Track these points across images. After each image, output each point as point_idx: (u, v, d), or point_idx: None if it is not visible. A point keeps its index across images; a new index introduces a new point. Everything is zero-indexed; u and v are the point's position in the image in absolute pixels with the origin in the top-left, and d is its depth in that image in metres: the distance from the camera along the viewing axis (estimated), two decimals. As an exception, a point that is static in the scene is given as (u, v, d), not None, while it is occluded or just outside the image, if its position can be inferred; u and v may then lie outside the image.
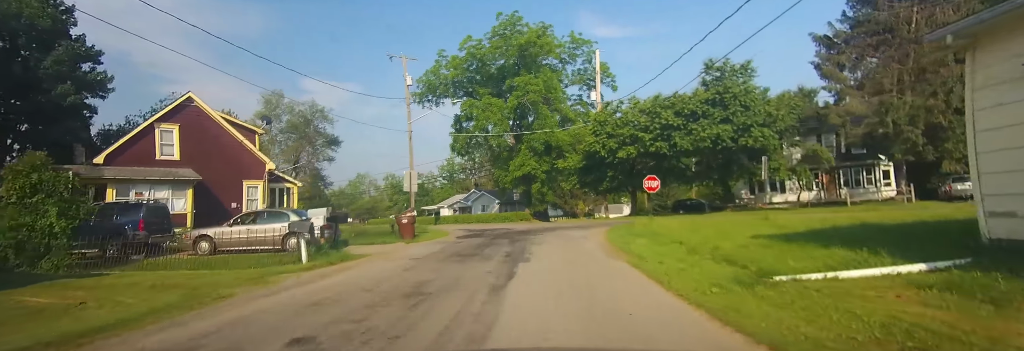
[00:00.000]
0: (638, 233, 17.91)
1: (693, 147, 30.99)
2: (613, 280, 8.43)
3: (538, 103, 40.82)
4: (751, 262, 8.04)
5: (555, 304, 6.39)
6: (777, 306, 5.24)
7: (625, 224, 24.82)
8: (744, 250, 10.02)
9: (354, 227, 37.45)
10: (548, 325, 5.22)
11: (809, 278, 6.44)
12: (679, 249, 12.53)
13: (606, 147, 34.04)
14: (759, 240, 11.69)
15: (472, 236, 21.92)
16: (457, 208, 63.20)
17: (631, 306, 6.07)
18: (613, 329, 5.06)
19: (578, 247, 15.60)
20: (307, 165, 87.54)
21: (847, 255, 7.61)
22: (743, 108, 30.28)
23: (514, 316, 5.74)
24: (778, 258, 8.12)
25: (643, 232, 18.08)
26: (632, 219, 30.23)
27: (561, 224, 32.62)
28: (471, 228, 31.69)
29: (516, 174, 41.20)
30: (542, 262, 11.47)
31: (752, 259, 8.32)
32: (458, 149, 45.60)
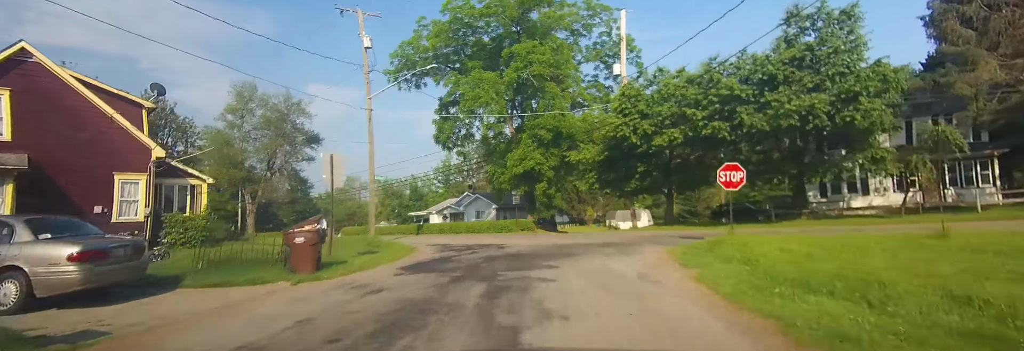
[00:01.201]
0: (776, 271, 8.36)
1: (770, 127, 21.51)
2: None
3: (544, 78, 31.39)
4: None
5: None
6: None
7: (690, 241, 15.50)
8: None
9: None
10: None
11: None
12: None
13: (638, 131, 24.64)
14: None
15: (432, 265, 12.46)
16: (448, 214, 53.86)
17: None
18: None
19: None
20: (284, 165, 78.54)
21: None
22: (845, 71, 20.86)
23: None
24: None
25: (782, 269, 8.59)
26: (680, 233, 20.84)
27: (576, 238, 23.11)
28: (450, 243, 22.31)
29: (516, 171, 31.74)
30: None
31: None
32: (443, 141, 36.19)
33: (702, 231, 23.48)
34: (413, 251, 18.17)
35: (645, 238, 19.09)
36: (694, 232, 22.77)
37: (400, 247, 20.38)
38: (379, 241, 23.52)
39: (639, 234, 22.99)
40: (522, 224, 34.57)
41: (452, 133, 36.68)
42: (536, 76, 30.69)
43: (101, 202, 20.37)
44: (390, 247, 20.23)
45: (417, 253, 17.13)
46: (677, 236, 19.38)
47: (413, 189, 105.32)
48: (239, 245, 19.69)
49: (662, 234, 21.72)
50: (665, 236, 20.11)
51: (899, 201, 30.29)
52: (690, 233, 21.65)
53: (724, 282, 7.64)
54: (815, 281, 6.94)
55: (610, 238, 20.52)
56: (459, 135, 37.43)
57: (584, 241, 19.18)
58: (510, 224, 35.00)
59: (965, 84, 22.83)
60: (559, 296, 7.11)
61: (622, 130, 24.93)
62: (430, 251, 18.06)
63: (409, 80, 37.06)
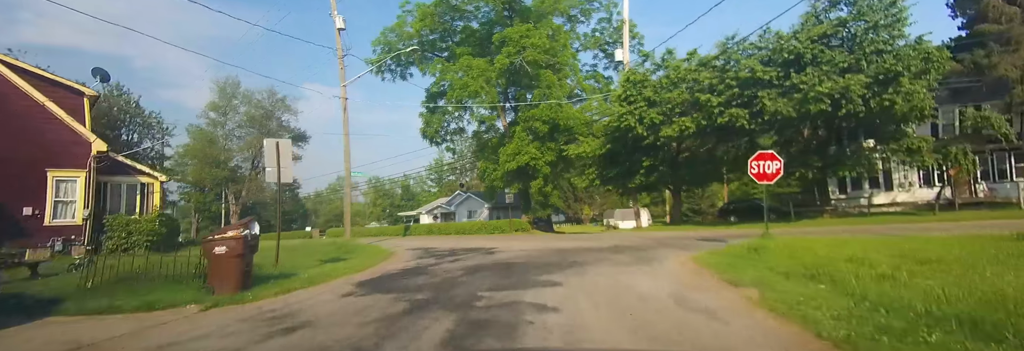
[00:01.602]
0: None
1: (797, 113, 18.91)
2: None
3: (539, 65, 28.74)
4: None
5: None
6: None
7: (713, 245, 12.98)
8: None
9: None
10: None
11: None
12: None
13: (644, 120, 22.02)
14: None
15: (397, 280, 9.75)
16: (438, 214, 51.15)
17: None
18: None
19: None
20: (267, 166, 75.77)
21: None
22: (884, 48, 18.34)
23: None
24: None
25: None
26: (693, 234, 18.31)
27: (577, 240, 20.48)
28: (434, 247, 19.67)
29: (509, 166, 29.10)
30: None
31: None
32: (431, 135, 33.47)
33: (715, 232, 20.92)
34: (388, 257, 15.59)
35: (657, 240, 16.49)
36: (707, 233, 20.22)
37: (376, 252, 17.82)
38: (355, 245, 20.89)
39: (646, 235, 20.39)
40: (516, 224, 31.92)
41: (440, 127, 34.00)
42: (530, 63, 28.02)
43: (31, 203, 17.80)
44: (363, 252, 17.67)
45: (390, 260, 14.51)
46: (693, 238, 16.80)
47: (405, 188, 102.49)
48: (180, 254, 17.06)
49: (673, 235, 19.14)
50: (677, 238, 17.52)
51: (926, 197, 27.83)
52: (705, 234, 19.08)
53: (816, 315, 5.02)
54: (969, 315, 4.36)
55: (616, 240, 17.90)
56: (448, 129, 34.79)
57: (587, 244, 16.56)
58: (503, 224, 32.34)
59: (1011, 66, 20.31)
60: (568, 343, 4.50)
61: (627, 120, 22.31)
62: (407, 257, 15.45)
63: (393, 70, 34.40)
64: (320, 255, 16.43)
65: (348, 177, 22.58)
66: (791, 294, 6.17)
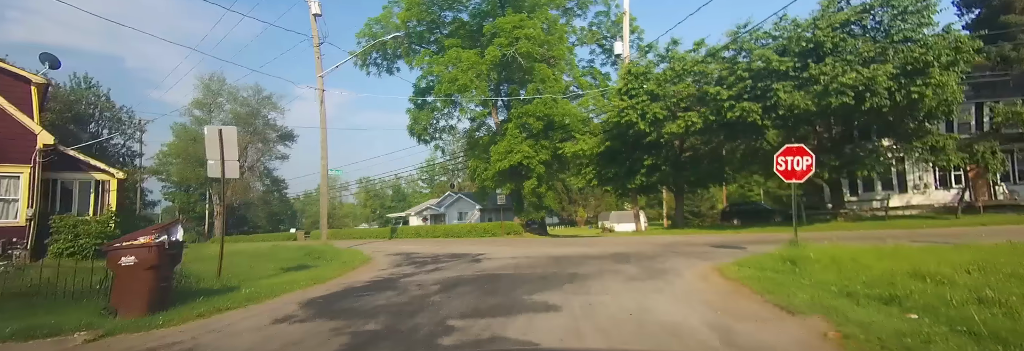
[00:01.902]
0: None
1: (817, 107, 17.20)
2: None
3: (533, 58, 26.99)
4: None
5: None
6: None
7: (730, 253, 11.34)
8: None
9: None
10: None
11: None
12: None
13: (647, 116, 20.31)
14: None
15: (354, 299, 7.89)
16: (428, 216, 49.32)
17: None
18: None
19: None
20: (256, 164, 73.57)
21: None
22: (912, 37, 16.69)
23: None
24: None
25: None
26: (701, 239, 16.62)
27: (574, 245, 18.69)
28: (415, 252, 17.90)
29: (501, 166, 27.32)
30: None
31: None
32: (419, 133, 31.63)
33: (723, 236, 19.22)
34: (361, 265, 13.82)
35: (664, 247, 14.73)
36: (717, 237, 18.51)
37: (350, 258, 16.00)
38: (330, 250, 19.05)
39: (650, 240, 18.65)
40: (508, 227, 30.15)
41: (429, 124, 32.17)
42: (524, 55, 26.25)
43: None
44: (337, 259, 15.87)
45: (362, 269, 12.73)
46: (704, 244, 15.07)
47: (396, 189, 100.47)
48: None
49: (679, 240, 17.41)
50: (686, 244, 15.79)
51: (942, 199, 26.28)
52: (715, 239, 17.36)
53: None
54: None
55: (618, 246, 16.14)
56: (437, 126, 32.97)
57: (586, 250, 14.79)
58: (494, 227, 30.57)
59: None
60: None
61: (628, 115, 20.57)
62: (382, 265, 13.70)
63: (379, 63, 32.58)
64: (285, 262, 14.64)
65: (325, 175, 20.74)
66: (880, 328, 4.43)
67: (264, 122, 70.54)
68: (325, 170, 20.77)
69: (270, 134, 71.97)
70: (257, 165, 73.74)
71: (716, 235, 20.35)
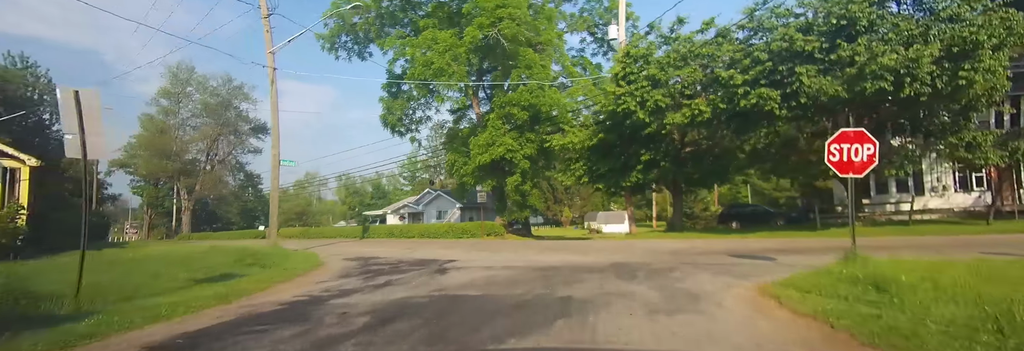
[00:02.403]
0: None
1: (849, 93, 14.73)
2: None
3: (518, 42, 24.34)
4: None
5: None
6: None
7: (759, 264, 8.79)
8: None
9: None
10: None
11: None
12: None
13: (647, 104, 17.80)
14: None
15: (227, 344, 5.23)
16: (405, 214, 46.52)
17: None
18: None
19: None
20: (228, 157, 70.19)
21: None
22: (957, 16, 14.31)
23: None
24: None
25: None
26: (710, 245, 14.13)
27: (563, 251, 16.08)
28: (377, 257, 15.26)
29: (482, 160, 24.67)
30: None
31: None
32: (392, 123, 28.83)
33: (731, 242, 16.74)
34: (297, 276, 11.16)
35: (672, 255, 12.18)
36: (724, 243, 16.03)
37: (293, 265, 13.31)
38: (276, 253, 16.24)
39: (648, 245, 16.11)
40: (488, 227, 27.50)
41: (404, 114, 29.41)
42: (507, 38, 23.55)
43: None
44: (276, 265, 13.13)
45: (293, 282, 10.04)
46: (718, 252, 12.53)
47: (376, 186, 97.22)
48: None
49: (684, 247, 14.87)
50: (693, 251, 13.25)
51: (962, 203, 24.16)
52: (724, 246, 14.86)
53: None
54: None
55: (614, 252, 13.55)
56: (413, 117, 30.20)
57: (579, 258, 12.18)
58: (473, 227, 27.89)
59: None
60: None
61: (625, 102, 18.03)
62: (326, 276, 11.04)
63: (349, 47, 29.70)
64: (208, 270, 11.82)
65: (275, 167, 17.94)
66: None
67: (237, 114, 67.34)
68: (276, 160, 17.99)
69: (243, 126, 68.68)
70: (229, 158, 70.46)
71: (721, 240, 17.90)
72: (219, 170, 68.88)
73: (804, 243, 14.94)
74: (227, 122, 66.18)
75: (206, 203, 74.81)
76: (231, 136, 68.15)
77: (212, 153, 67.12)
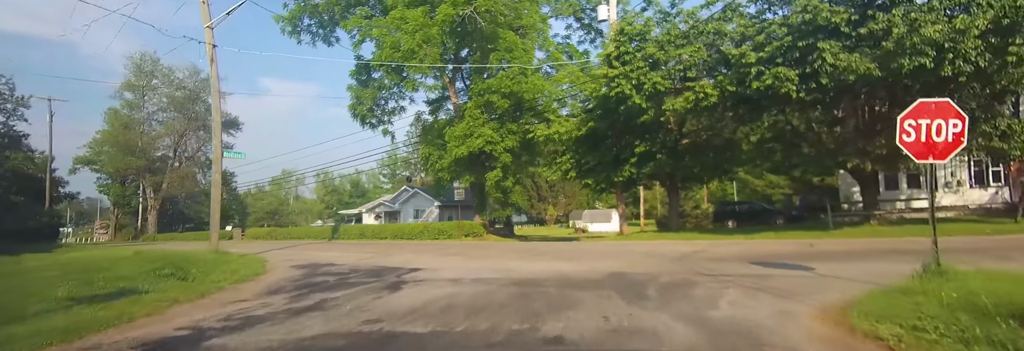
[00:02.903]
0: None
1: (884, 70, 12.65)
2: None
3: (497, 23, 22.09)
4: None
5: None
6: None
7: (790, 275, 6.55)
8: None
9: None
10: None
11: None
12: None
13: (645, 86, 15.63)
14: None
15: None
16: (381, 213, 44.05)
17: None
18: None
19: None
20: (197, 154, 66.99)
21: None
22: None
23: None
24: None
25: None
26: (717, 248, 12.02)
27: (551, 256, 13.82)
28: (332, 264, 12.97)
29: (459, 152, 22.40)
30: None
31: None
32: (362, 114, 26.37)
33: (739, 244, 14.68)
34: (215, 291, 9.03)
35: (677, 262, 10.03)
36: (732, 246, 13.96)
37: (223, 275, 11.06)
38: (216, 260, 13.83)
39: (646, 248, 13.98)
40: (467, 227, 25.22)
41: (374, 104, 26.98)
42: (485, 16, 21.24)
43: None
44: (204, 276, 10.87)
45: (199, 302, 7.79)
46: (733, 259, 10.39)
47: (355, 184, 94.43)
48: None
49: (687, 251, 12.73)
50: (703, 257, 11.09)
51: (978, 199, 22.38)
52: (735, 250, 12.77)
53: None
54: None
55: (609, 258, 11.35)
56: (385, 108, 27.76)
57: (568, 267, 9.96)
58: (451, 227, 25.58)
59: None
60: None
61: (619, 85, 15.83)
62: (245, 293, 8.79)
63: (314, 31, 27.16)
64: (112, 282, 9.47)
65: (218, 158, 15.48)
66: None
67: (206, 107, 64.21)
68: (218, 151, 15.55)
69: (212, 121, 65.62)
70: (198, 155, 67.29)
71: (726, 242, 15.79)
72: (188, 167, 65.67)
73: (827, 246, 12.88)
74: (196, 117, 63.10)
75: (176, 202, 71.52)
76: (201, 131, 65.11)
77: (180, 149, 64.00)
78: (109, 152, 60.82)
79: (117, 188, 65.70)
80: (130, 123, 61.54)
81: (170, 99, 61.38)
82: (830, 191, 36.39)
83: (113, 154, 60.31)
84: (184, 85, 61.06)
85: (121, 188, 65.84)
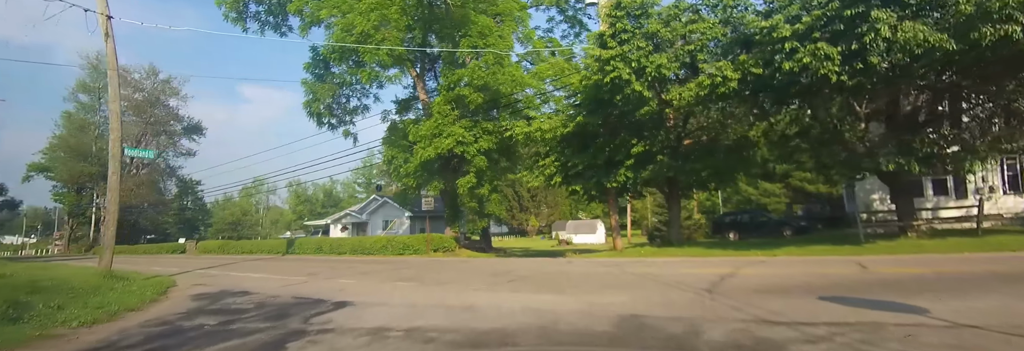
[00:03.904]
0: None
1: (964, 41, 9.85)
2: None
3: (467, 6, 19.13)
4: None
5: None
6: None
7: None
8: None
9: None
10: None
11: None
12: None
13: (647, 71, 12.73)
14: None
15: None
16: (349, 225, 40.58)
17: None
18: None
19: None
20: (157, 161, 62.82)
21: None
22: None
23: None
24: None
25: None
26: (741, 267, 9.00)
27: (533, 289, 10.72)
28: (239, 294, 9.71)
29: (426, 154, 19.31)
30: None
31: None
32: (318, 112, 23.16)
33: (767, 265, 11.75)
34: (36, 342, 5.52)
35: (714, 294, 6.99)
36: (760, 268, 11.04)
37: (95, 304, 8.26)
38: (90, 283, 10.53)
39: (656, 272, 10.98)
40: (436, 241, 22.01)
41: (334, 101, 23.81)
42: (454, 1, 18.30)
43: None
44: (59, 310, 7.57)
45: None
46: (796, 293, 7.37)
47: (327, 193, 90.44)
48: None
49: (712, 277, 9.73)
50: (744, 288, 8.06)
51: (1014, 207, 19.75)
52: (767, 272, 9.84)
53: None
54: None
55: (618, 291, 8.22)
56: (346, 107, 24.60)
57: (557, 303, 6.84)
58: (417, 241, 22.34)
59: None
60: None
61: (615, 69, 12.89)
62: (70, 347, 5.45)
63: (264, 20, 23.94)
64: None
65: (116, 153, 12.20)
66: None
67: (167, 111, 60.40)
68: (116, 146, 12.25)
69: (174, 126, 61.60)
70: (158, 162, 63.15)
71: (747, 259, 12.82)
72: (147, 174, 61.47)
73: (882, 267, 9.95)
74: (156, 120, 59.21)
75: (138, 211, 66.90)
76: (162, 136, 61.13)
77: (138, 155, 59.78)
78: (63, 159, 56.86)
79: (71, 197, 61.49)
80: (86, 126, 57.60)
81: (128, 102, 57.43)
82: (834, 200, 33.91)
83: (66, 160, 56.38)
84: (141, 87, 57.29)
85: (76, 197, 61.60)
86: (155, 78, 56.29)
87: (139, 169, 59.91)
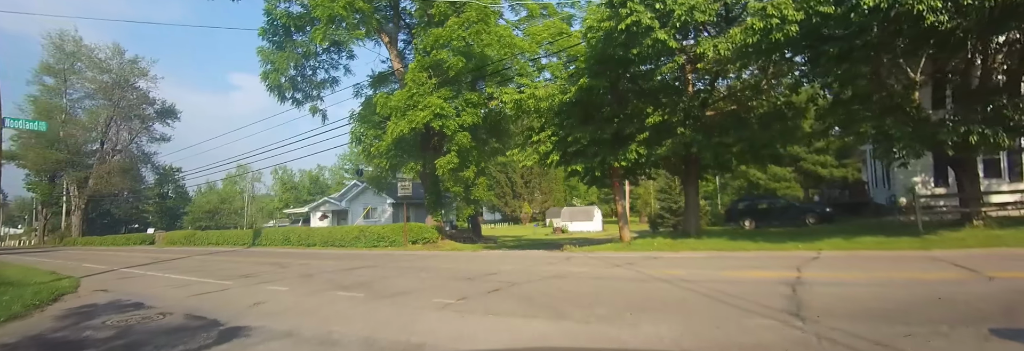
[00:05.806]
0: None
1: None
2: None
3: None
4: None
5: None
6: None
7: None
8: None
9: None
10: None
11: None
12: None
13: (676, 16, 9.87)
14: None
15: None
16: (328, 213, 37.68)
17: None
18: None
19: None
20: (129, 147, 59.42)
21: None
22: None
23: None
24: None
25: None
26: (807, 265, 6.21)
27: (534, 315, 7.94)
28: (139, 306, 6.82)
29: (399, 130, 16.40)
30: None
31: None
32: (275, 83, 20.17)
33: (824, 263, 9.00)
34: None
35: (801, 319, 4.27)
36: (814, 266, 8.35)
37: None
38: None
39: (686, 273, 8.24)
40: (415, 231, 19.21)
41: (299, 74, 20.83)
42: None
43: None
44: None
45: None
46: (936, 319, 4.62)
47: (313, 180, 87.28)
48: None
49: (773, 282, 7.02)
50: (832, 306, 5.28)
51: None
52: (841, 278, 7.11)
53: None
54: None
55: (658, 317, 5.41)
56: (313, 80, 21.62)
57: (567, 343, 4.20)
58: (394, 231, 19.52)
59: None
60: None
61: (633, 13, 9.99)
62: None
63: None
64: None
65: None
66: None
67: (138, 94, 56.82)
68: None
69: (146, 110, 58.06)
70: (130, 148, 59.76)
71: (792, 254, 10.09)
72: (119, 161, 58.01)
73: (990, 268, 7.24)
74: (128, 104, 55.65)
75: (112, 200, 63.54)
76: (134, 121, 57.59)
77: (106, 141, 56.39)
78: (35, 146, 53.53)
79: (45, 186, 58.23)
80: (53, 110, 54.09)
81: (96, 85, 53.90)
82: (852, 185, 31.28)
83: (35, 147, 53.08)
84: (107, 67, 53.68)
85: (49, 186, 58.36)
86: (121, 58, 52.55)
87: (110, 155, 56.52)
